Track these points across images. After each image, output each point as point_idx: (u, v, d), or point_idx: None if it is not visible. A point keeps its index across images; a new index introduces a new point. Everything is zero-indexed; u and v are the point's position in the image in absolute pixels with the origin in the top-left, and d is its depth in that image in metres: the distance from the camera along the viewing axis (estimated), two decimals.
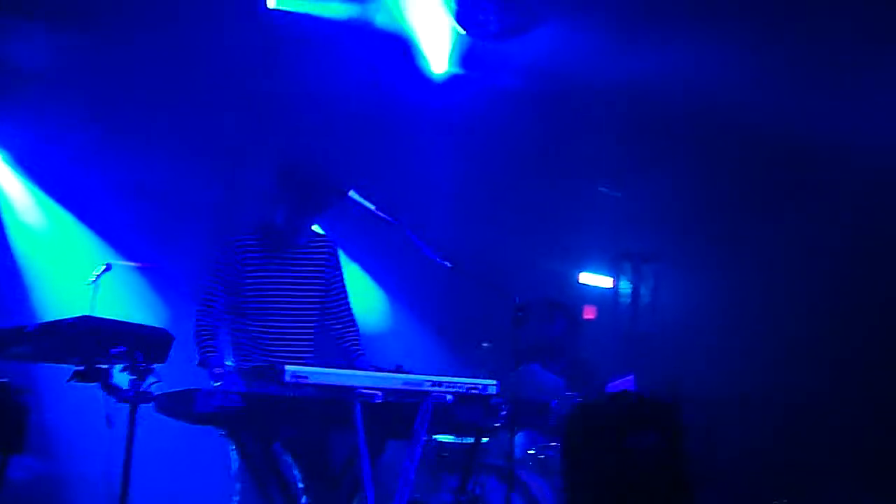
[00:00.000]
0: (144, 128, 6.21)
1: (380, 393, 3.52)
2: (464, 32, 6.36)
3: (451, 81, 6.57)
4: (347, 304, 4.45)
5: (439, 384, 3.69)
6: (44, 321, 3.11)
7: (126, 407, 3.16)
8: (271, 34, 6.10)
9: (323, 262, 4.32)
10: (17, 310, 6.04)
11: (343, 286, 4.44)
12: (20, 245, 6.44)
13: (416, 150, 7.06)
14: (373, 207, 3.84)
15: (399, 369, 3.87)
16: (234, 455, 3.96)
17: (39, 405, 3.21)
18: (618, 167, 7.62)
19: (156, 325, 3.35)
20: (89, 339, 3.03)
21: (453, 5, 6.27)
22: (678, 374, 6.37)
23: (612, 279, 8.32)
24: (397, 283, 7.14)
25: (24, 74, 6.00)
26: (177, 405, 3.50)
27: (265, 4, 6.00)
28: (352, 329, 4.43)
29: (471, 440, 4.62)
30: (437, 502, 5.11)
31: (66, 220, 6.48)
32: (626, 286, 8.16)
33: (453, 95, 6.73)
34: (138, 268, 5.98)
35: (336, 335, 4.41)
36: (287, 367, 3.37)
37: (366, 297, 6.83)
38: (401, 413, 3.73)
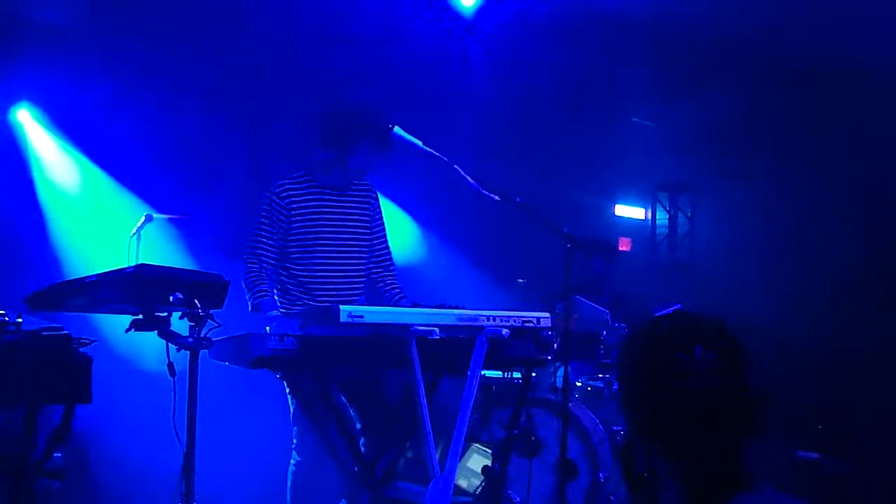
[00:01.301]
0: (173, 80, 6.14)
1: (436, 329, 3.50)
2: None
3: (481, 13, 6.42)
4: (387, 246, 4.44)
5: (494, 319, 3.67)
6: (102, 272, 3.09)
7: (186, 354, 3.15)
8: None
9: (366, 204, 4.30)
10: (57, 267, 6.07)
11: (383, 229, 4.42)
12: (54, 202, 6.45)
13: (446, 85, 6.96)
14: (419, 143, 3.77)
15: (442, 307, 3.85)
16: (291, 399, 3.98)
17: (101, 356, 3.18)
18: (651, 97, 7.48)
19: (209, 272, 3.32)
20: (147, 287, 3.02)
21: None
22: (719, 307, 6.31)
23: (646, 210, 8.25)
24: (436, 219, 7.10)
25: (50, 30, 5.94)
26: (231, 351, 3.51)
27: None
28: (391, 271, 4.43)
29: (517, 375, 4.63)
30: (487, 436, 5.16)
31: (99, 176, 6.47)
32: (662, 217, 8.09)
33: (483, 28, 6.59)
34: (173, 219, 5.96)
35: (377, 278, 4.41)
36: (342, 308, 3.35)
37: (404, 235, 6.81)
38: (455, 349, 3.72)
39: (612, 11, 6.58)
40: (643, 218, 8.19)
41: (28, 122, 6.32)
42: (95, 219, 6.39)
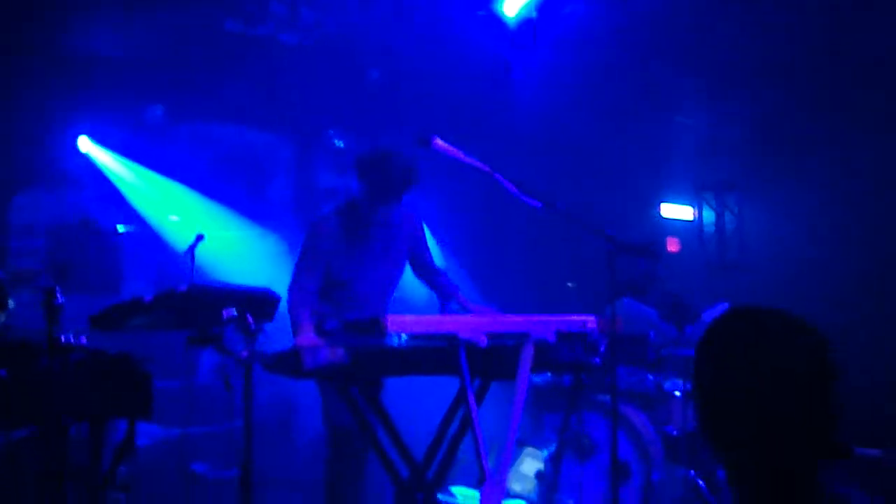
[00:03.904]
0: (228, 101, 6.36)
1: (484, 337, 3.55)
2: None
3: (525, 21, 6.44)
4: (430, 256, 4.57)
5: (540, 323, 3.70)
6: (158, 292, 3.22)
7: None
8: None
9: (405, 235, 4.44)
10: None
11: (425, 243, 4.55)
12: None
13: (488, 91, 7.01)
14: (460, 154, 3.82)
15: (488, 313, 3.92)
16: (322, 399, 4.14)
17: (160, 372, 3.32)
18: (695, 96, 7.44)
19: (260, 286, 3.44)
20: (200, 305, 3.14)
21: None
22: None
23: (693, 210, 8.20)
24: (481, 225, 7.17)
25: (109, 63, 6.21)
26: (285, 362, 3.60)
27: None
28: (440, 274, 4.54)
29: (567, 378, 4.65)
30: (539, 441, 5.19)
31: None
32: (709, 216, 8.03)
33: (526, 33, 6.61)
34: (231, 233, 6.16)
35: (429, 285, 4.52)
36: (388, 318, 3.42)
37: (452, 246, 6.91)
38: (502, 355, 3.76)
39: (655, 11, 6.56)
40: (691, 218, 8.12)
41: (91, 147, 6.62)
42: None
